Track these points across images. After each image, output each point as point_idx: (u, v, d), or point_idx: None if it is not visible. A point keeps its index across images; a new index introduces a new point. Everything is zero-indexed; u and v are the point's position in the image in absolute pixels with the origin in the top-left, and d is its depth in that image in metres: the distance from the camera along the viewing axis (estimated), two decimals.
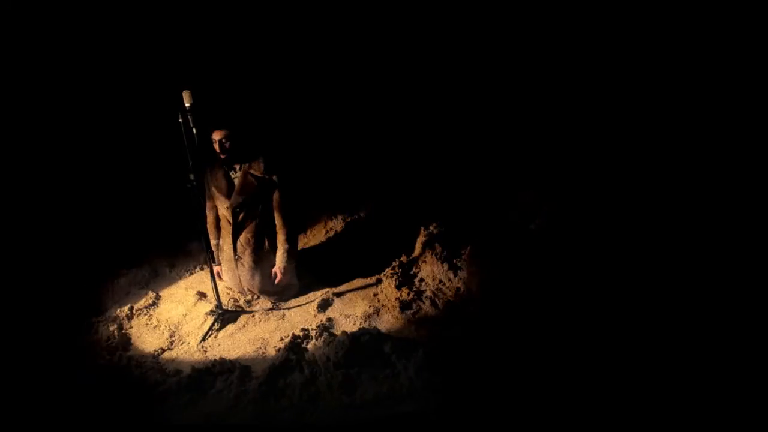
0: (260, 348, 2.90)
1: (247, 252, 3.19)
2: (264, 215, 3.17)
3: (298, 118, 4.67)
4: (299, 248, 3.79)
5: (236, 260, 3.23)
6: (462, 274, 3.28)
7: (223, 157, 3.04)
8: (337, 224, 4.03)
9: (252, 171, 3.08)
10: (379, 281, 3.40)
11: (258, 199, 3.13)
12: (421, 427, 2.25)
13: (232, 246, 3.21)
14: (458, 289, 3.20)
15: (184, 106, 2.73)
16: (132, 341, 3.04)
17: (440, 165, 4.50)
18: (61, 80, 4.05)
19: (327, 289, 3.40)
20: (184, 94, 2.72)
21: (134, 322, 3.22)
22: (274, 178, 3.09)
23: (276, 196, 3.12)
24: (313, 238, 3.97)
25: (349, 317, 3.12)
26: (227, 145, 3.01)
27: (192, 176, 2.84)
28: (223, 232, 3.27)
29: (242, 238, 3.20)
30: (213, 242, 3.32)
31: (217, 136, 3.01)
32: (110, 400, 2.51)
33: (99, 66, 4.13)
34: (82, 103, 4.12)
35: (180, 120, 2.76)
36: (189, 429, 2.34)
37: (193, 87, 2.76)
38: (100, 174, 4.13)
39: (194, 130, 2.80)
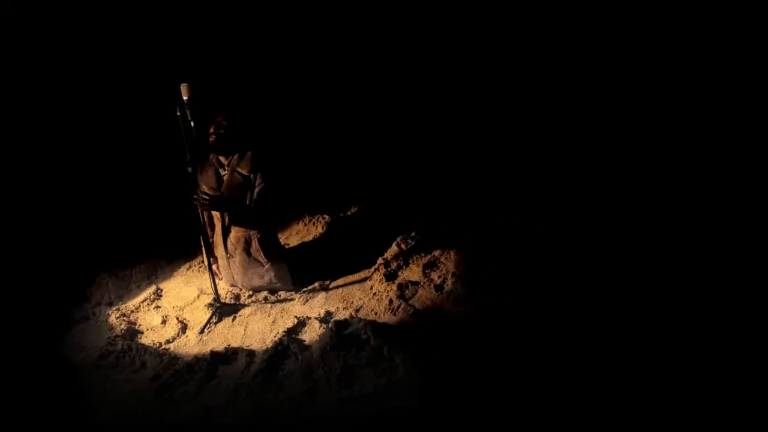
0: (258, 341, 2.91)
1: (238, 251, 3.20)
2: None
3: (290, 114, 4.66)
4: (295, 244, 3.81)
5: (228, 258, 3.23)
6: (459, 269, 3.28)
7: (213, 139, 3.02)
8: (330, 219, 4.01)
9: (239, 169, 3.07)
10: (374, 274, 3.39)
11: (244, 198, 3.11)
12: (420, 421, 2.26)
13: (223, 244, 3.22)
14: (456, 283, 3.20)
15: (182, 100, 2.73)
16: (132, 335, 3.04)
17: (435, 161, 4.49)
18: (60, 76, 4.04)
19: (322, 283, 3.40)
20: (182, 88, 2.72)
21: (134, 316, 3.22)
22: (258, 175, 3.07)
23: (257, 189, 3.09)
24: (307, 233, 3.96)
25: (345, 310, 3.13)
26: (224, 124, 3.00)
27: (190, 169, 2.84)
28: (215, 229, 3.27)
29: (232, 236, 3.21)
30: (210, 238, 3.33)
31: (218, 119, 3.02)
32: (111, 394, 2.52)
33: (97, 61, 4.11)
34: (79, 99, 4.11)
35: (178, 113, 2.75)
36: (190, 428, 2.35)
37: (191, 80, 2.76)
38: (97, 169, 4.12)
39: (192, 123, 2.80)
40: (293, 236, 3.94)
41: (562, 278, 3.03)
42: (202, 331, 3.03)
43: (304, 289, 3.36)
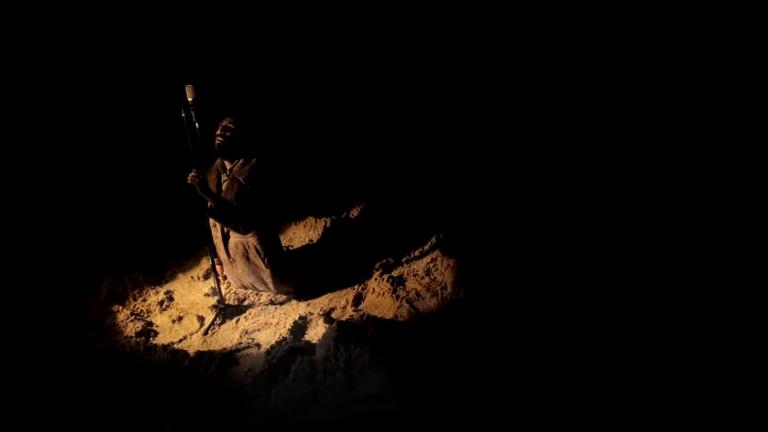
0: (261, 342, 2.91)
1: (238, 256, 3.21)
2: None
3: (294, 116, 4.66)
4: (298, 247, 3.81)
5: (231, 262, 3.25)
6: (460, 271, 3.27)
7: (218, 142, 3.02)
8: (333, 222, 4.02)
9: (239, 176, 3.05)
10: (376, 276, 3.38)
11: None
12: (424, 423, 2.26)
13: (224, 248, 3.24)
14: (457, 285, 3.19)
15: (187, 101, 2.74)
16: (142, 335, 3.05)
17: (437, 165, 4.49)
18: (65, 78, 4.05)
19: (324, 285, 3.41)
20: (186, 89, 2.72)
21: (144, 317, 3.25)
22: (244, 180, 3.05)
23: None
24: (310, 236, 3.97)
25: (344, 309, 3.14)
26: (230, 128, 3.00)
27: (195, 170, 2.84)
28: (216, 233, 3.29)
29: (231, 242, 3.22)
30: (215, 240, 3.33)
31: (224, 122, 3.02)
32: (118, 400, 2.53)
33: (102, 63, 4.12)
34: (85, 101, 4.12)
35: (183, 115, 2.76)
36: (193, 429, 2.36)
37: (195, 81, 2.76)
38: (104, 171, 4.13)
39: (197, 124, 2.80)
40: (296, 239, 3.95)
41: (561, 283, 3.02)
42: (206, 333, 3.04)
43: (306, 291, 3.36)
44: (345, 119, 4.74)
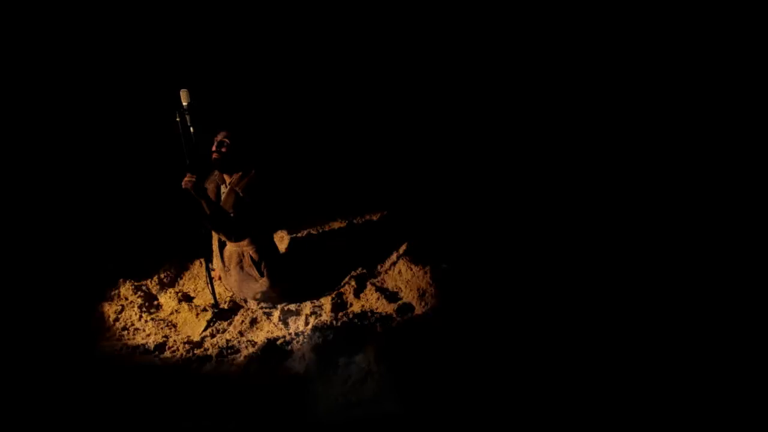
0: (254, 345, 2.89)
1: (233, 264, 3.22)
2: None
3: (288, 121, 4.68)
4: (295, 253, 3.81)
5: (225, 271, 3.26)
6: (446, 275, 3.27)
7: (215, 157, 3.02)
8: (331, 228, 4.04)
9: (237, 189, 3.06)
10: (368, 282, 3.39)
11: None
12: (419, 426, 2.26)
13: (220, 256, 3.25)
14: (450, 289, 3.19)
15: (182, 105, 2.75)
16: (134, 341, 3.05)
17: (421, 176, 4.51)
18: (63, 81, 4.05)
19: (310, 290, 3.40)
20: (181, 93, 2.73)
21: (158, 318, 3.27)
22: (242, 192, 3.06)
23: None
24: (305, 239, 3.98)
25: (341, 314, 3.12)
26: (226, 142, 3.01)
27: (189, 174, 2.84)
28: (212, 240, 3.29)
29: (226, 252, 3.23)
30: (213, 247, 3.35)
31: (219, 136, 3.02)
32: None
33: (101, 67, 4.13)
34: (77, 105, 4.13)
35: (177, 119, 2.77)
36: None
37: (190, 86, 2.77)
38: (109, 176, 4.14)
39: (191, 129, 2.81)
40: (291, 246, 3.95)
41: (541, 286, 3.04)
42: (200, 336, 3.03)
43: (301, 296, 3.35)
44: (330, 128, 4.75)
